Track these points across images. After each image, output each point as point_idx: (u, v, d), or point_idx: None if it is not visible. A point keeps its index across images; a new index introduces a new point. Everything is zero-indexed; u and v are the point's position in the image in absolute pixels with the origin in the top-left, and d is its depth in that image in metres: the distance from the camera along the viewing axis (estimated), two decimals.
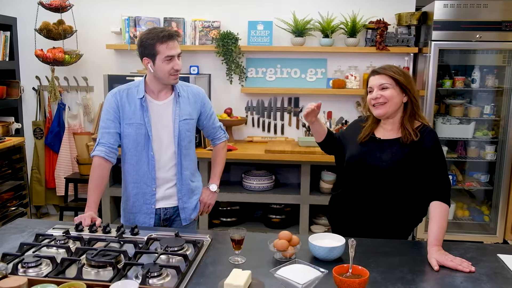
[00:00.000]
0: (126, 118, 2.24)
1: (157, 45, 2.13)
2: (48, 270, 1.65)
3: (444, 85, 4.01)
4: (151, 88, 2.27)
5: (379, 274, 1.68)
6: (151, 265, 1.63)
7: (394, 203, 2.08)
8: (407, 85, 2.01)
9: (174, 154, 2.29)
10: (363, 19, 4.10)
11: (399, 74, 2.01)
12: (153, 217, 2.32)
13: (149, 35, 2.16)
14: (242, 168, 4.27)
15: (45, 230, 2.06)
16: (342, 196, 2.24)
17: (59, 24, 4.17)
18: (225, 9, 4.27)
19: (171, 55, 2.15)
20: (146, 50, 2.16)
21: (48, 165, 4.65)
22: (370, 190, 2.10)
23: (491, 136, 4.05)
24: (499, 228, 3.98)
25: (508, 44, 3.75)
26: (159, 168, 2.28)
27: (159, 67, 2.17)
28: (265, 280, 1.60)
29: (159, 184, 2.30)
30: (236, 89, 4.35)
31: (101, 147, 2.23)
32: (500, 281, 1.65)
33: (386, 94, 2.00)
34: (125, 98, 2.25)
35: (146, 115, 2.23)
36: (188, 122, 2.32)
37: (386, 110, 2.02)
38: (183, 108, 2.30)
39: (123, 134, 2.26)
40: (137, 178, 2.30)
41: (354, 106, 4.30)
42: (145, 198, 2.30)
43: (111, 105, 2.25)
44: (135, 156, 2.27)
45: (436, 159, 2.01)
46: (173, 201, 2.35)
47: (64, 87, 4.53)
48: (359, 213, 2.15)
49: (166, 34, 2.14)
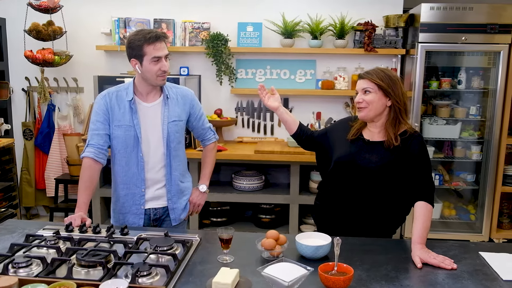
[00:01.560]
0: (115, 120, 2.25)
1: (144, 46, 2.15)
2: (39, 270, 1.67)
3: (431, 86, 4.07)
4: (140, 90, 2.28)
5: (364, 271, 1.72)
6: (140, 264, 1.65)
7: (380, 203, 2.13)
8: (390, 90, 2.04)
9: (163, 155, 2.32)
10: (352, 21, 4.15)
11: (382, 79, 2.04)
12: (143, 218, 2.34)
13: (136, 36, 2.18)
14: (232, 168, 4.30)
15: (35, 231, 2.08)
16: (329, 196, 2.27)
17: (49, 25, 4.17)
18: (215, 11, 4.30)
19: (158, 56, 2.17)
20: (134, 51, 2.18)
21: (38, 166, 4.65)
22: (357, 190, 2.14)
23: (477, 137, 4.12)
24: (484, 227, 4.05)
25: (493, 46, 3.83)
26: (148, 169, 2.31)
27: (146, 68, 2.18)
28: (252, 278, 1.64)
29: (148, 185, 2.32)
30: (226, 90, 4.39)
31: (91, 149, 2.24)
32: (481, 277, 1.70)
33: (367, 98, 2.06)
34: (115, 100, 2.26)
35: (135, 117, 2.25)
36: (177, 123, 2.34)
37: (367, 114, 2.08)
38: (172, 109, 2.32)
39: (112, 136, 2.28)
40: (127, 179, 2.32)
41: (343, 107, 4.35)
42: (135, 199, 2.32)
43: (100, 107, 2.26)
44: (124, 157, 2.29)
45: (422, 163, 2.07)
46: (162, 201, 2.38)
47: (54, 88, 4.53)
48: (346, 213, 2.19)
49: (153, 35, 2.15)
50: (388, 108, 2.08)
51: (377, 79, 2.04)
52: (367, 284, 1.63)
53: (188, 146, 3.96)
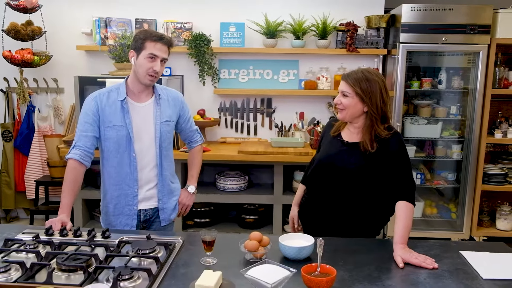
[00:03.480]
0: (106, 121, 2.24)
1: (147, 41, 2.18)
2: (18, 275, 1.64)
3: (413, 86, 4.12)
4: (133, 89, 2.28)
5: (347, 272, 1.73)
6: (122, 268, 1.64)
7: (360, 203, 2.14)
8: (367, 98, 2.02)
9: (155, 155, 2.32)
10: (334, 21, 4.17)
11: (360, 85, 2.01)
12: (136, 219, 2.33)
13: (144, 31, 2.25)
14: (215, 169, 4.29)
15: (15, 235, 2.04)
16: (311, 196, 2.29)
17: (28, 25, 4.10)
18: (197, 11, 4.28)
19: (155, 55, 2.18)
20: (136, 43, 2.21)
21: (18, 168, 4.57)
22: (337, 191, 2.15)
23: (458, 136, 4.18)
24: (465, 225, 4.11)
25: (472, 46, 3.88)
26: (140, 169, 2.31)
27: (140, 63, 2.20)
28: (235, 281, 1.63)
29: (140, 185, 2.32)
30: (209, 90, 4.37)
31: (77, 150, 2.21)
32: (462, 276, 1.72)
33: (344, 102, 2.06)
34: (106, 101, 2.25)
35: (127, 116, 2.24)
36: (168, 124, 2.36)
37: (344, 116, 2.10)
38: (164, 110, 2.33)
39: (103, 137, 2.26)
40: (119, 180, 2.30)
41: (326, 107, 4.37)
42: (127, 200, 2.32)
43: (90, 108, 2.24)
44: (116, 157, 2.28)
45: (401, 162, 2.07)
46: (153, 202, 2.38)
47: (34, 88, 4.46)
48: (327, 213, 2.21)
49: (159, 35, 2.21)
50: (365, 113, 2.08)
51: (355, 84, 2.02)
52: (350, 284, 1.64)
53: None
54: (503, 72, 4.04)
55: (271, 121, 4.43)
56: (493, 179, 4.09)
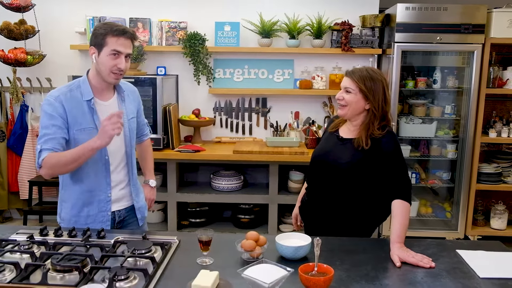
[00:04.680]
0: (76, 124, 2.06)
1: (108, 36, 2.02)
2: (12, 276, 1.62)
3: (407, 86, 4.12)
4: (95, 86, 2.12)
5: (344, 271, 1.72)
6: (118, 268, 1.62)
7: (353, 200, 2.14)
8: (370, 95, 2.04)
9: (125, 154, 2.23)
10: (329, 20, 4.17)
11: (364, 82, 2.04)
12: (109, 225, 2.22)
13: (104, 25, 2.06)
14: (210, 168, 4.27)
15: (9, 235, 2.01)
16: (308, 194, 2.30)
17: (21, 24, 4.07)
18: (192, 10, 4.26)
19: (118, 51, 2.02)
20: (96, 39, 2.04)
21: (11, 168, 4.53)
22: (331, 187, 2.16)
23: (452, 135, 4.20)
24: (460, 224, 4.12)
25: (466, 46, 3.89)
26: (113, 171, 2.20)
27: (102, 60, 2.04)
28: (232, 281, 1.62)
29: (112, 186, 2.21)
30: (204, 90, 4.35)
31: (46, 152, 1.99)
32: (459, 275, 1.72)
33: (347, 98, 2.07)
34: (70, 101, 2.06)
35: (96, 118, 2.10)
36: (134, 120, 2.28)
37: (345, 112, 2.10)
38: (128, 106, 2.24)
39: (74, 142, 2.07)
40: (93, 186, 2.16)
41: (321, 106, 4.37)
42: (100, 206, 2.19)
43: (56, 110, 2.03)
44: (89, 162, 2.09)
45: (395, 161, 2.06)
46: (125, 202, 2.28)
47: (27, 88, 4.42)
48: (323, 211, 2.21)
49: (120, 29, 2.03)
50: (366, 111, 2.10)
51: (359, 81, 2.04)
52: (347, 284, 1.63)
53: (166, 146, 3.92)
54: (497, 72, 4.06)
55: (266, 120, 4.43)
56: (487, 179, 4.11)
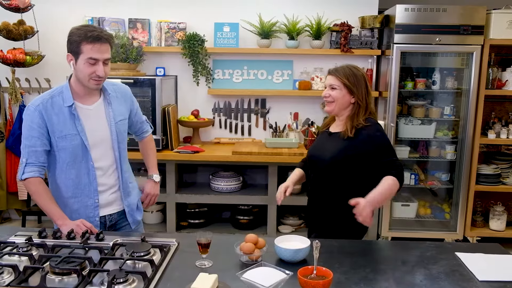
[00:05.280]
0: (56, 131, 2.05)
1: (83, 44, 1.96)
2: (11, 279, 1.62)
3: (406, 87, 4.12)
4: (77, 91, 2.09)
5: (343, 274, 1.72)
6: (116, 271, 1.62)
7: (348, 193, 2.10)
8: (354, 89, 2.17)
9: (114, 158, 2.20)
10: (328, 21, 4.17)
11: (348, 77, 2.17)
12: (98, 229, 2.18)
13: (77, 30, 1.99)
14: (209, 169, 4.27)
15: (7, 238, 2.01)
16: (308, 194, 2.39)
17: (20, 24, 4.06)
18: (191, 11, 4.26)
19: (95, 58, 1.98)
20: (71, 46, 1.99)
21: (10, 169, 4.52)
22: (323, 182, 2.24)
23: (451, 136, 4.19)
24: (459, 225, 4.12)
25: (465, 47, 3.89)
26: (100, 176, 2.17)
27: (80, 68, 2.00)
28: (231, 284, 1.62)
29: (101, 191, 2.18)
30: (203, 90, 4.35)
31: (32, 167, 2.05)
32: (457, 278, 1.72)
33: (333, 94, 2.20)
34: (51, 109, 2.04)
35: (78, 123, 2.07)
36: (123, 122, 2.23)
37: (332, 108, 2.23)
38: (116, 108, 2.19)
39: (57, 149, 2.08)
40: (78, 192, 2.14)
41: (320, 107, 4.37)
42: (87, 212, 2.16)
43: (34, 120, 2.03)
44: (73, 169, 2.11)
45: (381, 145, 2.13)
46: (116, 206, 2.26)
47: (26, 88, 4.42)
48: (321, 207, 2.27)
49: (95, 35, 1.96)
50: (352, 105, 2.21)
51: (343, 77, 2.17)
52: (346, 287, 1.63)
53: (165, 147, 3.92)
54: (496, 73, 4.06)
55: (265, 121, 4.42)
56: (486, 180, 4.11)
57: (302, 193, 4.05)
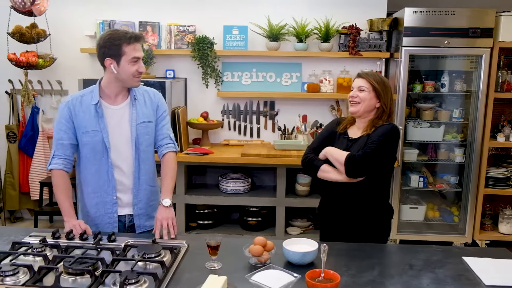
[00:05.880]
0: (81, 127, 2.19)
1: (124, 46, 2.11)
2: (26, 279, 1.66)
3: (415, 90, 4.13)
4: (108, 92, 2.22)
5: (350, 277, 1.74)
6: (128, 272, 1.66)
7: (365, 196, 2.28)
8: (382, 93, 2.28)
9: (133, 159, 2.26)
10: (336, 24, 4.18)
11: (378, 82, 2.28)
12: (116, 226, 2.28)
13: (114, 35, 2.12)
14: (218, 171, 4.30)
15: (22, 238, 2.06)
16: (325, 198, 2.43)
17: (32, 27, 4.13)
18: (201, 14, 4.30)
19: (137, 57, 2.14)
20: (110, 51, 2.12)
21: (22, 169, 4.60)
22: (346, 187, 2.27)
23: (460, 139, 4.19)
24: (468, 229, 4.11)
25: (475, 50, 3.89)
26: (120, 175, 2.25)
27: (124, 68, 2.13)
28: (240, 286, 1.65)
29: (121, 190, 2.26)
30: (212, 93, 4.39)
31: (58, 160, 2.19)
32: (464, 283, 1.73)
33: (361, 95, 2.28)
34: (79, 106, 2.19)
35: (101, 121, 2.19)
36: (146, 125, 2.28)
37: (358, 109, 2.29)
38: (140, 111, 2.26)
39: (81, 144, 2.21)
40: (97, 187, 2.25)
41: (329, 110, 4.38)
42: (106, 208, 2.26)
43: (63, 116, 2.19)
44: (94, 164, 2.22)
45: (377, 137, 2.22)
46: (132, 207, 2.32)
47: (38, 90, 4.49)
48: (342, 212, 2.33)
49: (134, 36, 2.13)
50: (376, 109, 2.30)
51: (373, 81, 2.28)
52: None
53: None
54: (506, 76, 4.05)
55: (274, 123, 4.45)
56: (495, 183, 4.10)
57: (310, 195, 4.08)
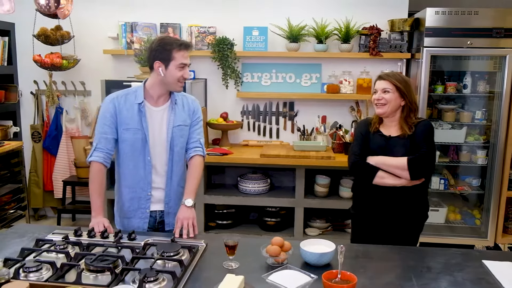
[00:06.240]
0: (123, 123, 2.29)
1: (174, 51, 2.22)
2: (49, 275, 1.71)
3: (436, 91, 4.08)
4: (151, 93, 2.32)
5: (367, 279, 1.74)
6: (147, 270, 1.69)
7: (409, 190, 2.43)
8: (406, 92, 2.41)
9: (167, 159, 2.36)
10: (357, 25, 4.16)
11: (400, 82, 2.41)
12: (147, 221, 2.38)
13: (166, 40, 2.26)
14: (237, 171, 4.33)
15: (45, 235, 2.12)
16: (362, 198, 2.56)
17: (57, 29, 4.22)
18: (221, 15, 4.33)
19: (185, 63, 2.25)
20: (161, 54, 2.23)
21: (46, 168, 4.70)
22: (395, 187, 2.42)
23: (483, 141, 4.12)
24: (490, 232, 4.04)
25: (498, 50, 3.82)
26: (154, 173, 2.35)
27: (171, 73, 2.24)
28: (257, 285, 1.66)
29: (154, 188, 2.36)
30: (232, 93, 4.42)
31: (99, 153, 2.28)
32: (484, 286, 1.71)
33: (387, 97, 2.41)
34: (123, 103, 2.30)
35: (144, 120, 2.29)
36: (182, 128, 2.38)
37: (385, 110, 2.42)
38: (178, 114, 2.36)
39: (120, 139, 2.31)
40: (133, 183, 2.35)
41: (348, 111, 4.37)
42: (140, 203, 2.36)
43: (108, 110, 2.29)
44: (132, 160, 2.33)
45: (423, 137, 2.39)
46: (163, 204, 2.42)
47: (62, 91, 4.59)
48: (383, 210, 2.46)
49: (184, 44, 2.26)
50: (401, 107, 2.43)
51: (396, 81, 2.41)
52: None
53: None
54: None
55: (293, 124, 4.45)
56: None
57: (329, 196, 4.07)
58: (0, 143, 4.00)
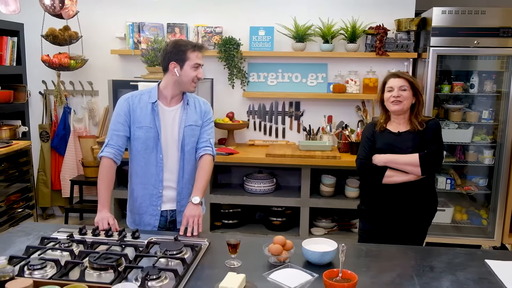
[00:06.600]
0: (136, 121, 2.35)
1: (189, 52, 2.29)
2: (53, 272, 1.73)
3: (443, 90, 4.06)
4: (165, 94, 2.38)
5: (369, 278, 1.74)
6: (150, 268, 1.70)
7: (418, 185, 2.50)
8: (418, 89, 2.51)
9: (178, 158, 2.40)
10: (363, 24, 4.16)
11: (412, 79, 2.53)
12: (158, 219, 2.42)
13: (181, 42, 2.34)
14: (243, 171, 4.34)
15: (50, 234, 2.14)
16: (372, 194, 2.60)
17: (65, 30, 4.26)
18: (227, 15, 4.35)
19: (199, 64, 2.32)
20: (176, 55, 2.30)
21: (54, 168, 4.75)
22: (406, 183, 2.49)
23: (490, 141, 4.10)
24: (497, 232, 4.02)
25: (506, 50, 3.80)
26: (166, 171, 2.39)
27: (186, 73, 2.30)
28: (258, 284, 1.67)
29: (166, 186, 2.40)
30: (238, 93, 4.43)
31: (110, 149, 2.33)
32: (486, 286, 1.71)
33: (404, 94, 2.49)
34: (137, 102, 2.36)
35: (157, 118, 2.34)
36: (193, 128, 2.42)
37: (402, 107, 2.50)
38: (190, 115, 2.42)
39: (133, 137, 2.37)
40: (145, 180, 2.39)
41: (354, 111, 4.36)
42: (152, 200, 2.40)
43: (122, 109, 2.36)
44: (144, 158, 2.37)
45: (434, 135, 2.49)
46: (174, 203, 2.45)
47: (70, 91, 4.63)
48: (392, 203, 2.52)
49: (198, 45, 2.34)
50: (411, 104, 2.53)
51: (411, 79, 2.52)
52: None
53: None
54: None
55: (299, 124, 4.46)
56: None
57: (334, 196, 4.07)
58: (9, 142, 4.04)
